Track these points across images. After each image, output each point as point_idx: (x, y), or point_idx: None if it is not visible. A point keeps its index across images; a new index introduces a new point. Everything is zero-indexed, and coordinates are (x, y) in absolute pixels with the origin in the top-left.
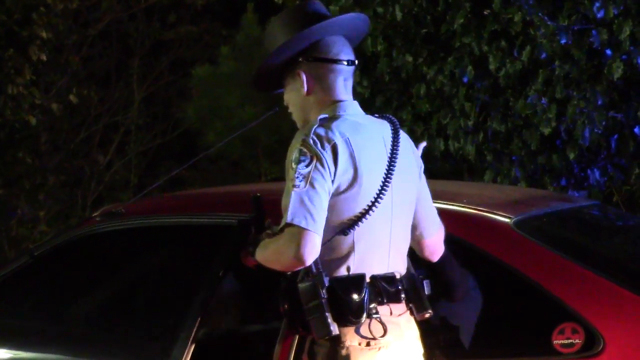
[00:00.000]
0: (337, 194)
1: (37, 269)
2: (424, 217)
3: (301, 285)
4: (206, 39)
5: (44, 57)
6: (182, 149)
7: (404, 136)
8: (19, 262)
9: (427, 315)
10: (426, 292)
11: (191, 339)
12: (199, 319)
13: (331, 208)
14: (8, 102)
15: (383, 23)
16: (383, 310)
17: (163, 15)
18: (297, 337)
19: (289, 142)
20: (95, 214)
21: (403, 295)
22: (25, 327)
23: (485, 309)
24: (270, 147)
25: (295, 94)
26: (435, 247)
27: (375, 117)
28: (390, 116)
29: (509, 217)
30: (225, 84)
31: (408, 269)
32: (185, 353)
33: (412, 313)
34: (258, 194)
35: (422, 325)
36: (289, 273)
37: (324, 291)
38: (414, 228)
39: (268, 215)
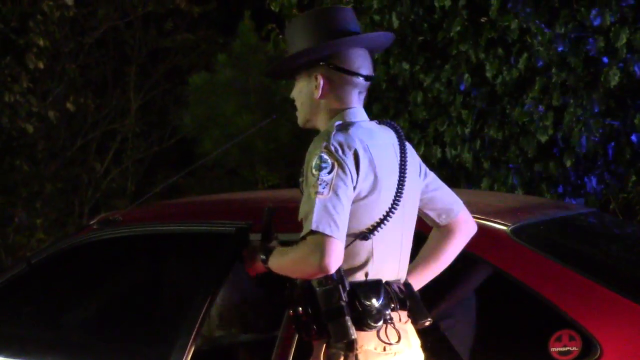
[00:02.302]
0: (357, 200)
1: (34, 276)
2: (447, 198)
3: (321, 289)
4: (203, 46)
5: (40, 65)
6: (178, 156)
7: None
8: (16, 270)
9: (427, 324)
10: None
11: (189, 346)
12: (197, 326)
13: (352, 214)
14: (5, 109)
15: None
16: (394, 316)
17: (160, 23)
18: (296, 342)
19: (286, 150)
20: (93, 222)
21: (408, 303)
22: (22, 335)
23: (482, 317)
24: (267, 154)
25: (307, 94)
26: (470, 217)
27: (377, 123)
28: (392, 122)
29: (506, 225)
30: (222, 91)
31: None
32: None
33: (412, 321)
34: (271, 206)
35: (420, 333)
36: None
37: (345, 295)
38: (443, 213)
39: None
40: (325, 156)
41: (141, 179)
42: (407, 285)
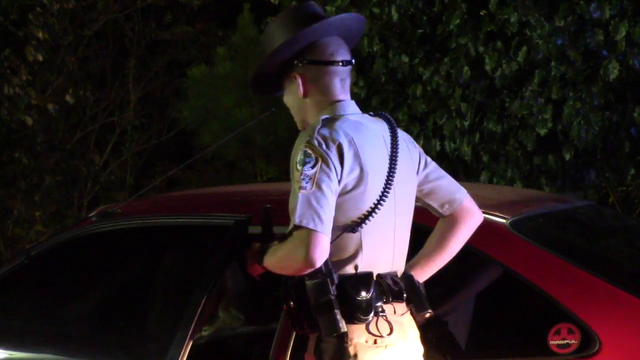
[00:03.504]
0: (344, 193)
1: (33, 269)
2: (449, 188)
3: (310, 282)
4: (202, 39)
5: (40, 58)
6: (177, 149)
7: (401, 133)
8: (15, 262)
9: (427, 315)
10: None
11: (187, 338)
12: (196, 319)
13: (338, 207)
14: (4, 102)
15: (379, 24)
16: (388, 309)
17: (159, 16)
18: (295, 335)
19: (284, 143)
20: (92, 214)
21: (405, 295)
22: (21, 328)
23: (481, 310)
24: (266, 147)
25: (293, 96)
26: (474, 206)
27: (371, 115)
28: (386, 114)
29: (504, 218)
30: (221, 84)
31: (405, 269)
32: (182, 353)
33: (412, 313)
34: (268, 206)
35: (421, 325)
36: None
37: (333, 288)
38: (445, 203)
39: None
40: (309, 151)
41: (140, 171)
42: (407, 277)
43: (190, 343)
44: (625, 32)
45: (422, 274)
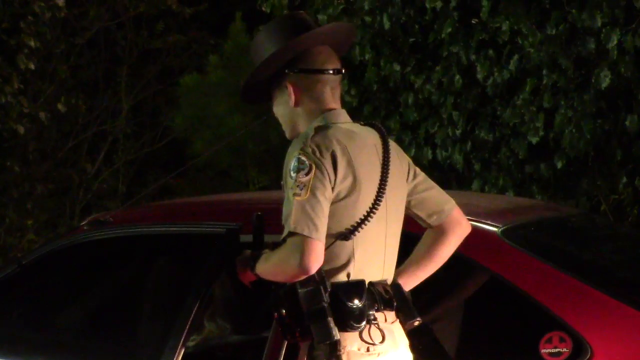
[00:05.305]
0: (337, 200)
1: (25, 277)
2: (438, 198)
3: (303, 290)
4: (194, 47)
5: (32, 66)
6: (170, 157)
7: (391, 142)
8: (7, 271)
9: (415, 324)
10: None
11: (179, 347)
12: (187, 327)
13: (331, 215)
14: None
15: (371, 32)
16: (379, 317)
17: (151, 24)
18: (286, 344)
19: (276, 151)
20: (83, 223)
21: (395, 303)
22: (13, 336)
23: (472, 318)
24: (258, 156)
25: (283, 106)
26: (462, 217)
27: (361, 124)
28: (376, 123)
29: (496, 226)
30: (214, 92)
31: (394, 277)
32: None
33: (400, 322)
34: (260, 213)
35: (410, 334)
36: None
37: (326, 296)
38: (434, 214)
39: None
40: (303, 158)
41: (132, 180)
42: (395, 285)
43: (182, 351)
44: (617, 41)
45: (410, 282)
